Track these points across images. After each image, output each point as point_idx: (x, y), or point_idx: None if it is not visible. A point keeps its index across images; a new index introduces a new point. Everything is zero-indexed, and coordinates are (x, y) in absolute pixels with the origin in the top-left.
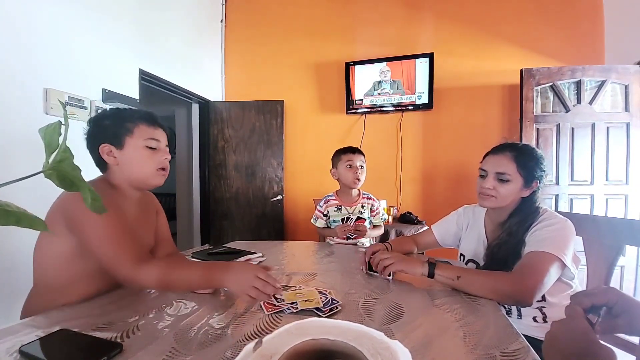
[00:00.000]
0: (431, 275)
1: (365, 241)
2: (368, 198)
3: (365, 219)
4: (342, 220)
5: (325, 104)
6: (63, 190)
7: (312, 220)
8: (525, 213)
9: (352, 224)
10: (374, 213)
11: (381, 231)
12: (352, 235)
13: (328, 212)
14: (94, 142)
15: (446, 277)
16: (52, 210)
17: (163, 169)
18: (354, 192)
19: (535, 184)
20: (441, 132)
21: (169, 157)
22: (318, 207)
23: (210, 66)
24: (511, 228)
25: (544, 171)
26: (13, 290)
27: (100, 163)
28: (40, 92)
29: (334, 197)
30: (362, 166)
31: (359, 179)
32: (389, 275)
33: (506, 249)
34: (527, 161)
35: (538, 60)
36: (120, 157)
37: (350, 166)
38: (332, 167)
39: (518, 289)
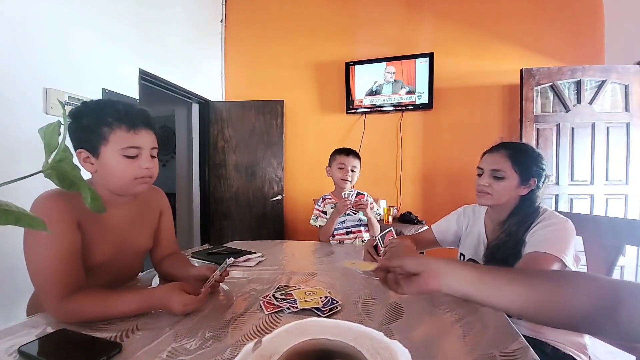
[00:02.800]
0: None
1: (366, 236)
2: (362, 194)
3: (364, 194)
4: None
5: (325, 104)
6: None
7: (311, 221)
8: (524, 213)
9: (352, 199)
10: (369, 207)
11: (378, 227)
12: (354, 212)
13: (326, 209)
14: (72, 143)
15: None
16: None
17: (143, 177)
18: (348, 189)
19: (533, 182)
20: (441, 132)
21: (151, 165)
22: (316, 206)
23: (210, 66)
24: (510, 228)
25: (543, 169)
26: (13, 290)
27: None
28: (40, 92)
29: (330, 196)
30: (354, 170)
31: (346, 180)
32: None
33: (505, 249)
34: (522, 158)
35: (538, 60)
36: (98, 166)
37: (341, 168)
38: (328, 164)
39: None
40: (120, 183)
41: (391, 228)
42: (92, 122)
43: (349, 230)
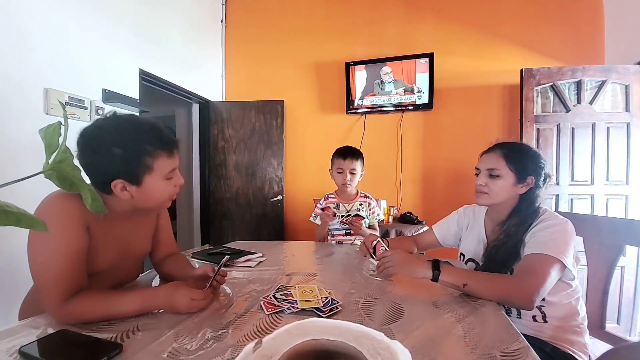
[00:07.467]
0: (435, 279)
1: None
2: (365, 197)
3: (363, 217)
4: (342, 217)
5: (325, 104)
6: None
7: (311, 218)
8: (524, 213)
9: (346, 219)
10: (371, 211)
11: (377, 232)
12: (345, 227)
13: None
14: (102, 173)
15: (452, 284)
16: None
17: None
18: (352, 190)
19: (530, 180)
20: (441, 132)
21: (182, 181)
22: (318, 204)
23: (210, 66)
24: (509, 229)
25: (541, 167)
26: (13, 290)
27: (106, 190)
28: (40, 92)
29: (333, 196)
30: (353, 172)
31: (346, 184)
32: (390, 277)
33: (505, 250)
34: (517, 156)
35: (538, 60)
36: (137, 192)
37: (340, 172)
38: (330, 166)
39: (520, 293)
40: (158, 203)
41: (379, 239)
42: (129, 152)
43: (348, 231)
